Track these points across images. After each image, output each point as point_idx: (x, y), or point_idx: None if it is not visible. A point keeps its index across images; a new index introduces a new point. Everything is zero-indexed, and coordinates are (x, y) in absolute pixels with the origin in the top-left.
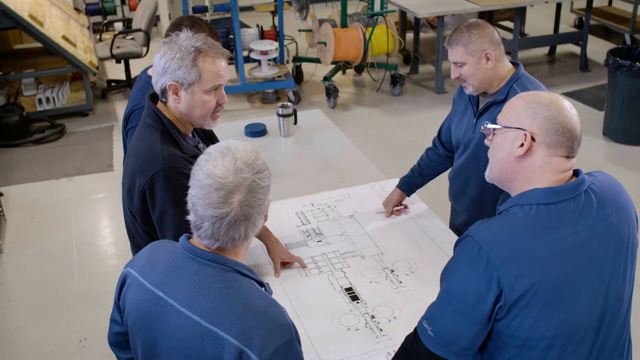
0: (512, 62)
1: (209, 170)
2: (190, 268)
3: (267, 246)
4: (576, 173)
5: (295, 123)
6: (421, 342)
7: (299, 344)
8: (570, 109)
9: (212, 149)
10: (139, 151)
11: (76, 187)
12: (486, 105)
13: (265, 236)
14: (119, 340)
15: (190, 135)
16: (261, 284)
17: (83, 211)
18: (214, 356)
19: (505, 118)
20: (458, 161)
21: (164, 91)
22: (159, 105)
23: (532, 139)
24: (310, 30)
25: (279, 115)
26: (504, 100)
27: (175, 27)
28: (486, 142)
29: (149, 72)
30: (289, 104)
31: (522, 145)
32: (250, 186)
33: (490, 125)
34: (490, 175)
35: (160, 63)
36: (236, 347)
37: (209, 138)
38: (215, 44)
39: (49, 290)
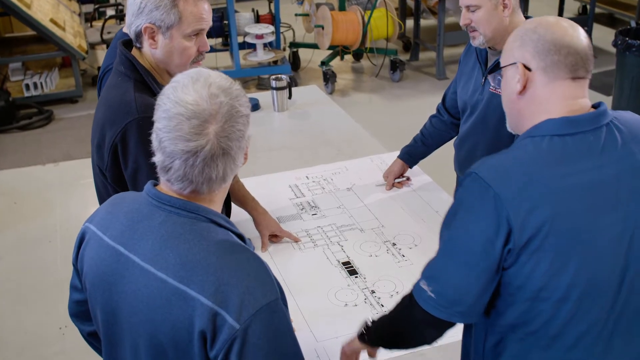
0: (525, 16)
1: (178, 98)
2: (156, 218)
3: (253, 217)
4: (596, 106)
5: (289, 97)
6: (419, 306)
7: (286, 307)
8: (566, 23)
9: (179, 76)
10: (110, 101)
11: (62, 173)
12: (496, 61)
13: (251, 207)
14: (80, 310)
15: None
16: (241, 237)
17: (68, 196)
18: (183, 320)
19: (503, 59)
20: (464, 126)
21: (138, 35)
22: (134, 52)
23: (528, 68)
24: (307, 15)
25: (272, 88)
26: None
27: None
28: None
29: (125, 29)
30: (283, 76)
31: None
32: (229, 113)
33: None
34: (507, 123)
35: (135, 2)
36: (209, 309)
37: None
38: None
39: (29, 276)
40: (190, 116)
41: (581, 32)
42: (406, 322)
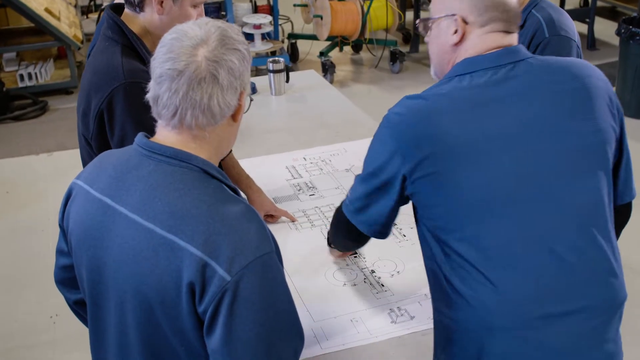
0: None
1: (176, 29)
2: (145, 167)
3: (248, 196)
4: None
5: (287, 81)
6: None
7: (281, 263)
8: None
9: None
10: (96, 67)
11: (56, 162)
12: None
13: (245, 185)
14: (66, 276)
15: None
16: (234, 191)
17: (62, 186)
18: (170, 272)
19: (435, 8)
20: None
21: None
22: (124, 16)
23: (465, 22)
24: (305, 5)
25: (269, 70)
26: (521, 27)
27: None
28: (425, 39)
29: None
30: (280, 58)
31: (456, 31)
32: (222, 40)
33: (421, 20)
34: (433, 70)
35: None
36: (198, 259)
37: None
38: None
39: (21, 265)
40: (183, 39)
41: None
42: (336, 223)
